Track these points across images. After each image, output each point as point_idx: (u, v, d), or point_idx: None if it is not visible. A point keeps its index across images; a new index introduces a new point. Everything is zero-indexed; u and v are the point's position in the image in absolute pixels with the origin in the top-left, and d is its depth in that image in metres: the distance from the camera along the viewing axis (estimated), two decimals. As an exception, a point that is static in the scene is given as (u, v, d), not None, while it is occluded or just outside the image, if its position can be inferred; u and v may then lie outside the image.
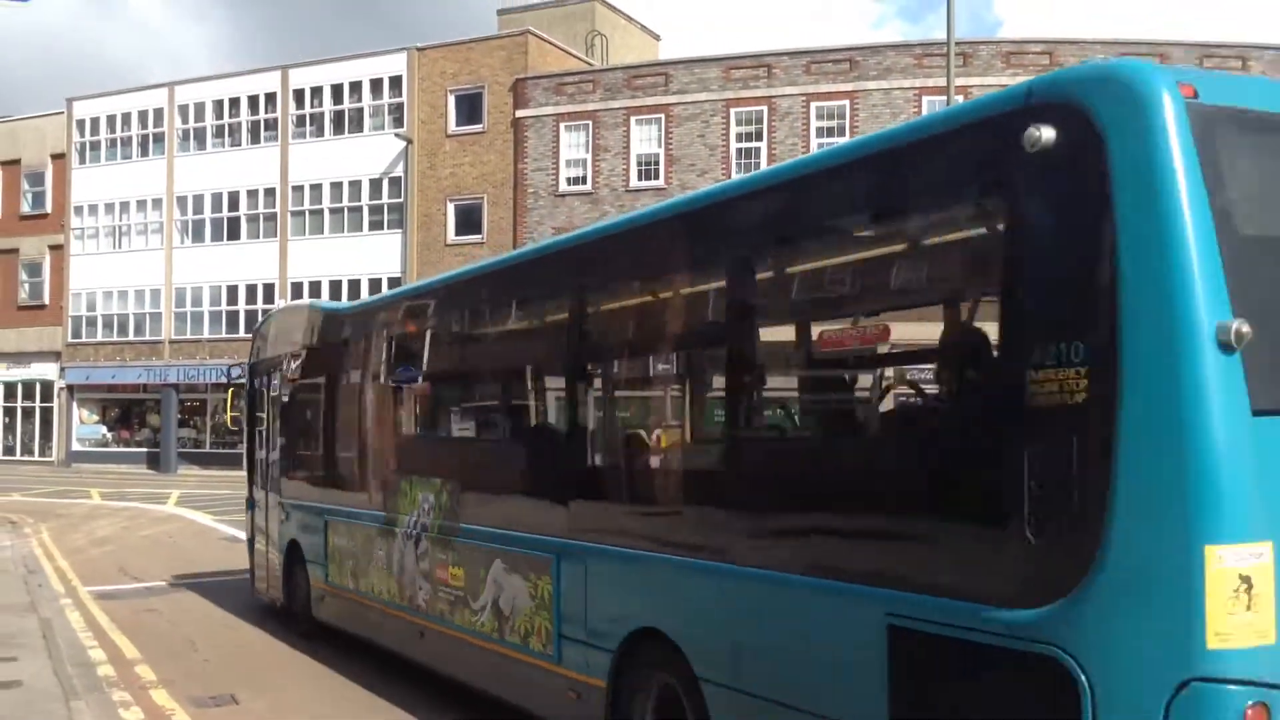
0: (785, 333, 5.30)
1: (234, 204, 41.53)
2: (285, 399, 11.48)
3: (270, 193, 40.81)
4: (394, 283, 38.48)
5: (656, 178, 35.18)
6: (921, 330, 4.71)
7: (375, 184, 39.21)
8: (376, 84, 39.26)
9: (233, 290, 41.43)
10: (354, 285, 39.23)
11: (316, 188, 40.07)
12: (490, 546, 7.01)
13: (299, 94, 40.52)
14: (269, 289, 40.62)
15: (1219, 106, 3.49)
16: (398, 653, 8.61)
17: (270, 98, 41.01)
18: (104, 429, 44.77)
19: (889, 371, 4.94)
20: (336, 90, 39.93)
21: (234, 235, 41.57)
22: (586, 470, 6.46)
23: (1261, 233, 3.55)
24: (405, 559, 8.29)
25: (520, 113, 36.81)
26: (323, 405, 10.54)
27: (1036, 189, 3.64)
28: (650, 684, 5.48)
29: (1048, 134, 3.50)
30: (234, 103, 41.76)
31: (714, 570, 4.94)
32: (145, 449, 43.30)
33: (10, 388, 46.24)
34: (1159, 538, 3.21)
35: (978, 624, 3.60)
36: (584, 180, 36.08)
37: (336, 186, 39.76)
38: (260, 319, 18.31)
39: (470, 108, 37.90)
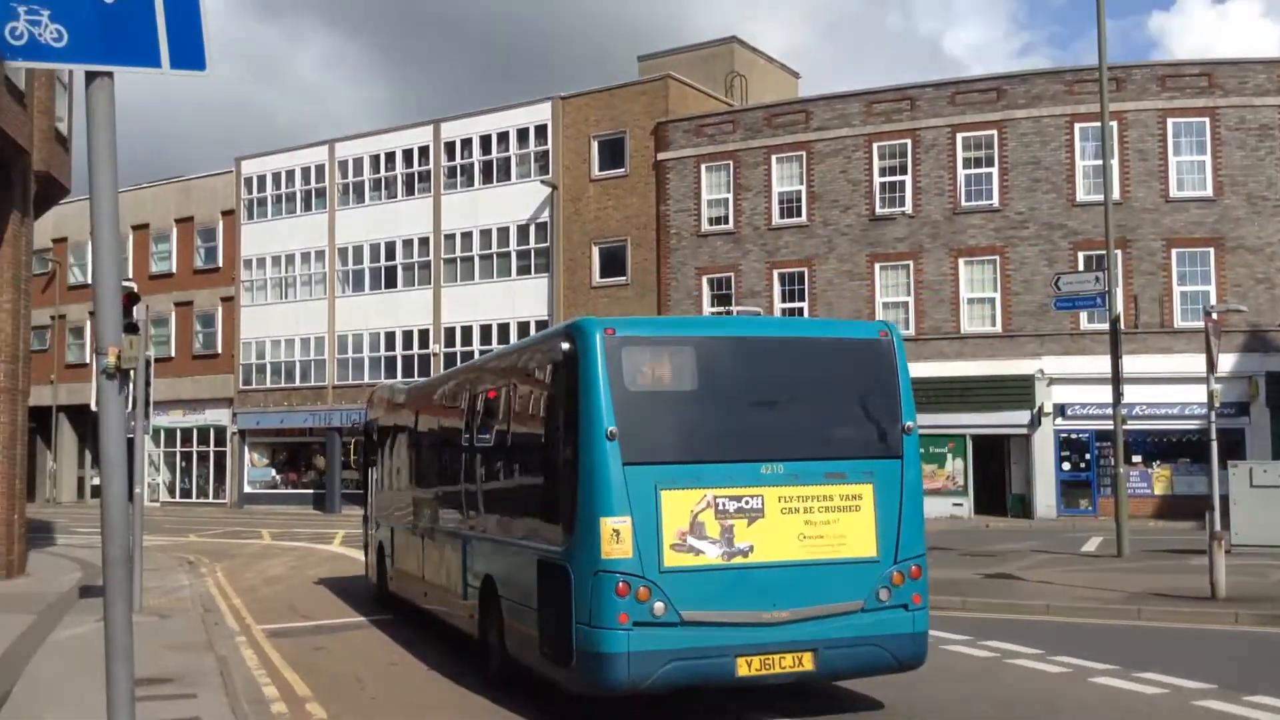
0: (509, 437, 10.43)
1: (390, 253, 43.18)
2: (374, 449, 17.22)
3: (424, 242, 42.29)
4: (541, 325, 39.31)
5: (799, 214, 35.11)
6: (527, 426, 9.89)
7: (523, 230, 40.21)
8: (523, 133, 40.37)
9: (390, 336, 42.98)
10: (503, 329, 40.21)
11: (467, 235, 41.34)
12: (444, 539, 12.38)
13: (450, 146, 41.98)
14: (424, 334, 42.00)
15: (621, 335, 8.21)
16: (417, 606, 13.64)
17: (423, 151, 42.60)
18: (273, 472, 46.84)
19: (509, 453, 10.40)
20: (485, 141, 41.22)
21: (391, 283, 43.18)
22: (461, 495, 11.66)
23: (634, 389, 8.21)
24: (418, 548, 13.59)
25: (662, 155, 37.30)
26: (388, 452, 16.18)
27: (561, 368, 8.61)
28: (488, 605, 10.36)
29: (565, 346, 8.42)
30: (389, 157, 43.52)
31: (499, 543, 10.25)
32: (312, 490, 45.13)
33: (187, 433, 48.86)
34: (589, 515, 7.95)
35: (554, 555, 8.44)
36: (726, 220, 36.26)
37: (486, 233, 40.93)
38: (394, 376, 25.46)
39: (613, 153, 38.60)
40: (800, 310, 34.73)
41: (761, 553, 8.14)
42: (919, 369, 32.68)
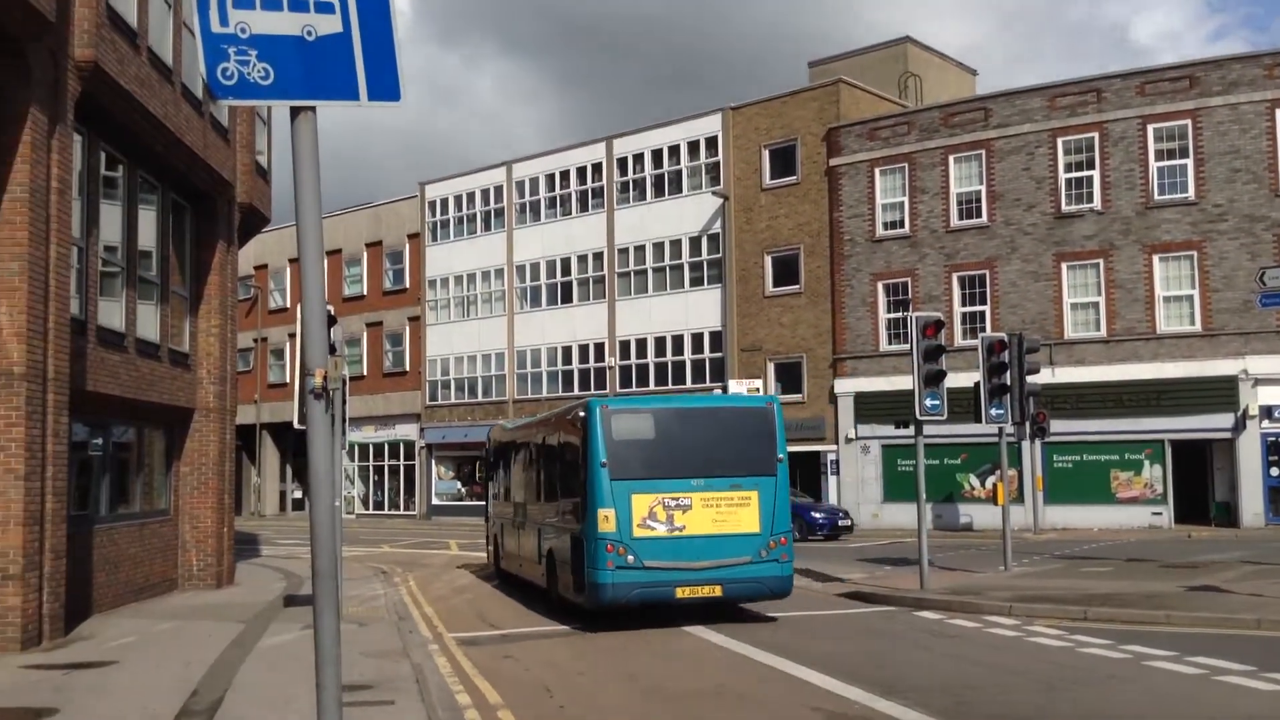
0: (560, 465, 16.47)
1: (566, 269, 44.06)
2: (492, 470, 22.98)
3: (599, 256, 42.98)
4: (715, 336, 39.37)
5: (979, 215, 34.12)
6: (562, 466, 16.34)
7: (695, 241, 40.39)
8: (693, 146, 40.58)
9: (567, 350, 43.83)
10: (677, 340, 40.44)
11: (640, 248, 41.79)
12: (529, 529, 18.00)
13: (622, 161, 42.56)
14: (599, 348, 42.64)
15: (611, 408, 14.54)
16: (515, 574, 19.49)
17: (596, 167, 43.33)
18: (458, 484, 48.36)
19: (557, 474, 16.61)
20: (656, 155, 41.61)
21: (567, 299, 44.05)
22: (537, 501, 17.70)
23: (618, 438, 14.25)
24: (516, 536, 19.36)
25: (834, 161, 36.85)
26: (498, 472, 22.13)
27: (580, 424, 14.67)
28: (549, 564, 16.28)
29: (582, 414, 14.65)
30: (564, 175, 44.45)
31: (551, 529, 16.39)
32: (494, 502, 46.32)
33: (379, 448, 50.96)
34: (593, 507, 14.09)
35: (577, 532, 14.72)
36: (901, 224, 35.54)
37: (659, 246, 41.29)
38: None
39: (784, 161, 38.38)
40: (981, 314, 33.71)
41: (690, 529, 14.22)
42: (1111, 372, 31.46)
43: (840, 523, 31.79)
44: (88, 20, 13.11)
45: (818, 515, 31.45)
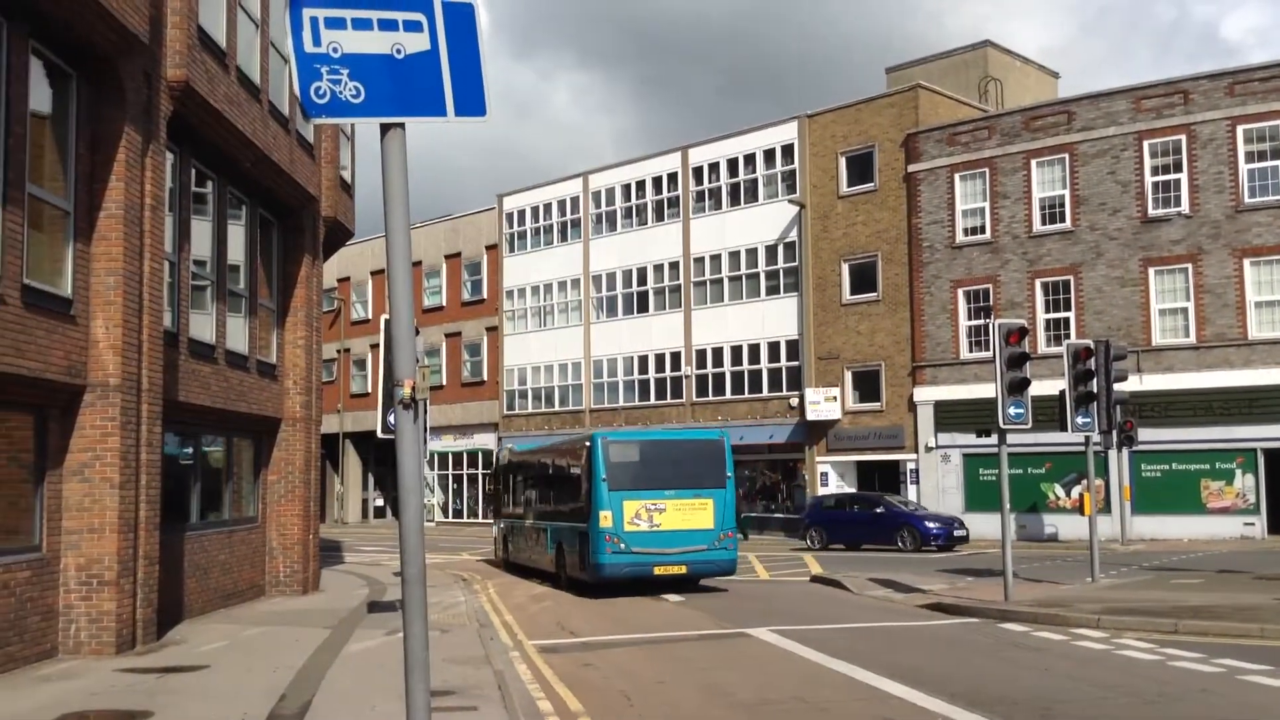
0: (569, 480, 21.98)
1: (642, 279, 44.19)
2: (501, 482, 28.12)
3: (674, 266, 43.05)
4: (791, 344, 39.17)
5: (1062, 220, 33.52)
6: (571, 480, 21.71)
7: (771, 250, 40.25)
8: (769, 154, 40.47)
9: (643, 360, 43.94)
10: (753, 349, 40.32)
11: (716, 258, 41.76)
12: (538, 527, 23.50)
13: (698, 171, 42.61)
14: (675, 357, 42.68)
15: (609, 439, 20.34)
16: (519, 563, 25.09)
17: (672, 177, 43.42)
18: (536, 493, 48.63)
19: (567, 486, 22.26)
20: (732, 164, 41.58)
21: (643, 308, 44.18)
22: (548, 506, 23.29)
23: (615, 462, 19.82)
24: (522, 532, 24.86)
25: (912, 167, 36.48)
26: (507, 484, 27.20)
27: (587, 450, 20.17)
28: (559, 553, 21.75)
29: (588, 443, 20.28)
30: (640, 185, 44.62)
31: (560, 527, 21.81)
32: (571, 511, 46.58)
33: (458, 457, 51.57)
34: (596, 510, 19.52)
35: (584, 528, 20.09)
36: (982, 229, 35.05)
37: (735, 255, 41.22)
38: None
39: (861, 168, 38.09)
40: (1065, 320, 33.08)
41: (664, 526, 19.48)
42: (1201, 379, 30.64)
43: (956, 533, 30.35)
44: (179, 41, 13.51)
45: (932, 526, 30.28)
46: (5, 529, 11.38)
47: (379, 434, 15.15)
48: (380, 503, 57.16)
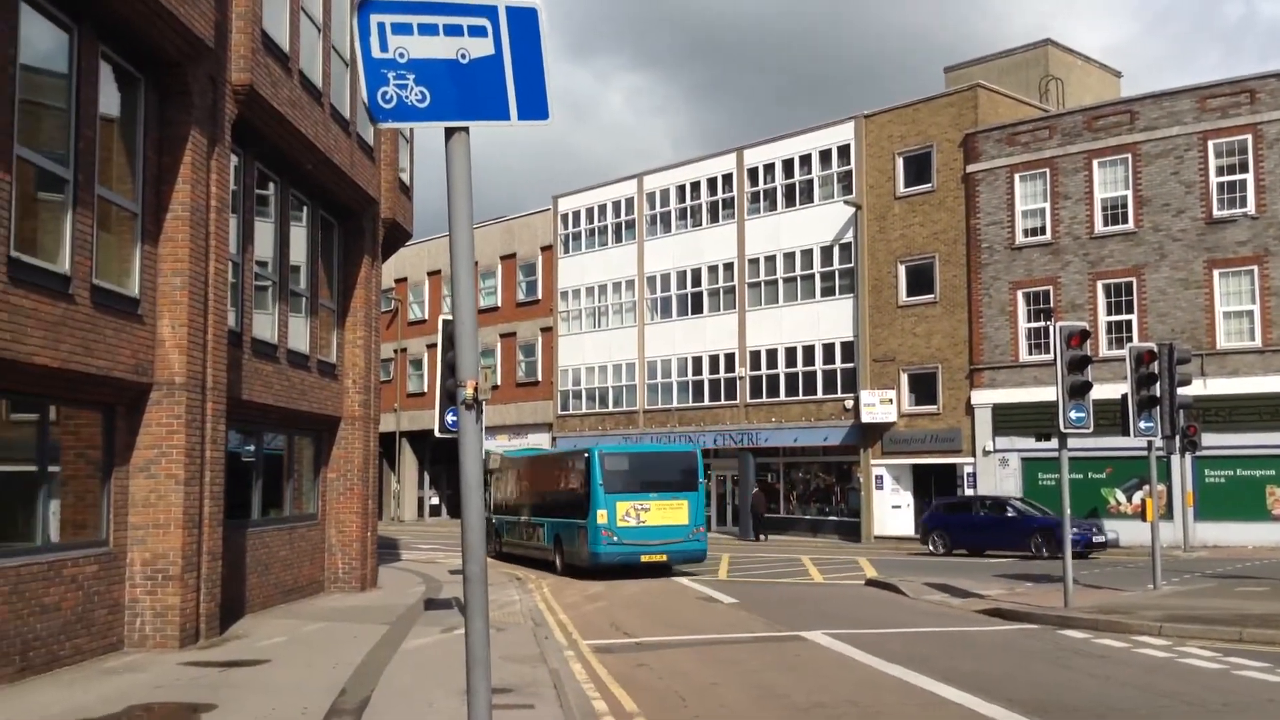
0: (567, 483, 26.21)
1: (696, 280, 44.15)
2: (495, 483, 31.08)
3: (729, 267, 42.96)
4: (846, 346, 38.93)
5: (1125, 221, 32.98)
6: (572, 484, 25.86)
7: (826, 251, 40.03)
8: (825, 155, 40.25)
9: (697, 361, 43.89)
10: (808, 351, 40.11)
11: (771, 259, 41.61)
12: (534, 522, 27.76)
13: (753, 172, 42.48)
14: (729, 358, 42.59)
15: (605, 452, 24.65)
16: (512, 553, 29.07)
17: (727, 178, 43.34)
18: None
19: (566, 488, 26.38)
20: (787, 165, 41.40)
21: (697, 309, 44.13)
22: (545, 505, 27.43)
23: (610, 469, 24.05)
24: (517, 526, 29.19)
25: (971, 167, 36.09)
26: (499, 486, 31.00)
27: (586, 461, 24.55)
28: (557, 543, 25.83)
29: (587, 455, 24.59)
30: (694, 186, 44.59)
31: (558, 522, 26.00)
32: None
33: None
34: (594, 509, 23.71)
35: (583, 523, 24.12)
36: (1043, 230, 34.58)
37: (789, 256, 41.04)
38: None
39: (918, 168, 37.75)
40: (1128, 323, 32.56)
41: (649, 522, 23.67)
42: (1267, 383, 30.00)
43: (1094, 539, 28.45)
44: (244, 46, 13.75)
45: (1071, 530, 28.15)
46: (74, 524, 11.66)
47: (436, 433, 15.30)
48: (435, 501, 57.65)
